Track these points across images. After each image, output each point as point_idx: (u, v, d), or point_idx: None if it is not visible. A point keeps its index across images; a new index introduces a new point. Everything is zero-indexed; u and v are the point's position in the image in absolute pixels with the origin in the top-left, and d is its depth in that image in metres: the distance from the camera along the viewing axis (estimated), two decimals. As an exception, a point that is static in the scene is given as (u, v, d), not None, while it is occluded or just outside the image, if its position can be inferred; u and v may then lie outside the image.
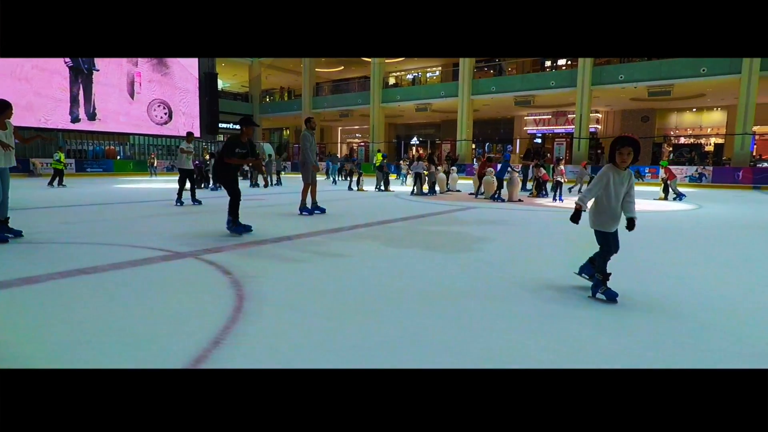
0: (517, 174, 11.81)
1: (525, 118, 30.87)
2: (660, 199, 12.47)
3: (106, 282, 3.53)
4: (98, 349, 2.29)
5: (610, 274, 3.20)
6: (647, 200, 12.32)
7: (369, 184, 16.55)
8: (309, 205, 8.17)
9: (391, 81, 33.01)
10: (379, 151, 19.17)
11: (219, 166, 5.99)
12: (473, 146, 29.74)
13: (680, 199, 12.14)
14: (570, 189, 14.75)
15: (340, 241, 5.51)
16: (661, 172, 12.85)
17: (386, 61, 30.92)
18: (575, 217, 3.23)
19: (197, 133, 31.38)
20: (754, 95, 19.43)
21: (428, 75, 33.61)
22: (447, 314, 2.90)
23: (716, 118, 26.77)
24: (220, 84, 36.94)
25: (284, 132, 44.90)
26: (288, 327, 2.64)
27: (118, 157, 28.18)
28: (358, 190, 15.04)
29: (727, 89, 21.13)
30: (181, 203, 9.53)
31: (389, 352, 2.32)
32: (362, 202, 11.16)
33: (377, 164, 16.47)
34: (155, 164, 24.34)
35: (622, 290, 3.26)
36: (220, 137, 36.61)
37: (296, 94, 36.62)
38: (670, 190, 12.40)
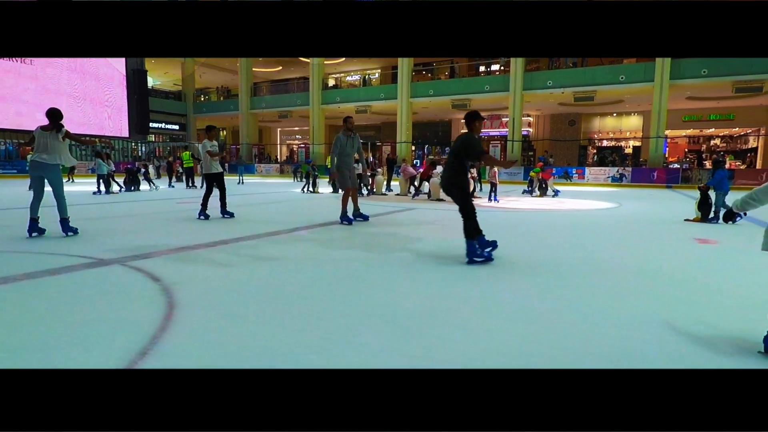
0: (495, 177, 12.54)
1: (462, 121, 31.85)
2: (537, 196, 13.92)
3: (19, 293, 3.25)
4: (7, 364, 2.11)
5: None
6: (529, 197, 13.14)
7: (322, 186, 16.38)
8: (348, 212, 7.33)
9: (331, 82, 32.87)
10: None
11: (454, 172, 4.56)
12: (413, 148, 30.27)
13: (556, 195, 13.77)
14: (524, 191, 15.41)
15: (278, 244, 5.41)
16: (538, 175, 14.52)
17: (325, 62, 30.74)
18: (728, 216, 2.81)
19: (124, 133, 29.63)
20: (666, 102, 21.29)
21: (368, 77, 33.77)
22: (385, 314, 2.93)
23: (634, 122, 29.04)
24: (150, 82, 35.05)
25: (221, 133, 43.38)
26: (221, 335, 2.56)
27: (35, 158, 25.94)
28: (313, 192, 14.86)
29: (642, 96, 22.99)
30: (206, 216, 7.52)
31: (326, 355, 2.32)
32: (305, 204, 11.04)
33: (329, 166, 16.44)
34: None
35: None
36: (151, 137, 34.76)
37: (233, 94, 35.48)
38: (549, 188, 14.03)
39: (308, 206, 10.61)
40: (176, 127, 35.37)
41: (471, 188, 12.26)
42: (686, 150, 28.73)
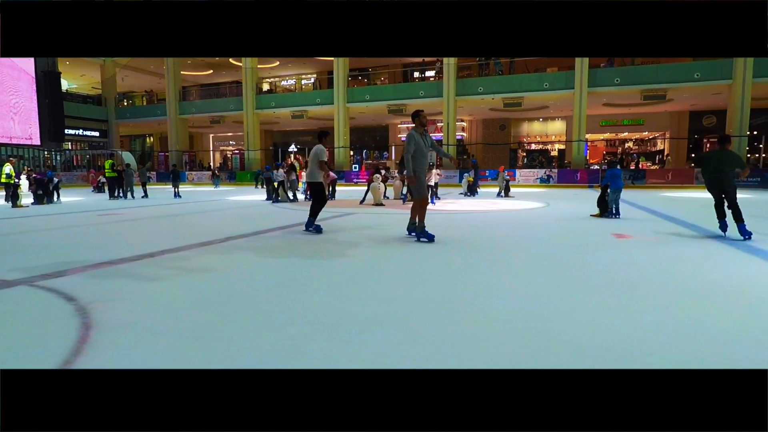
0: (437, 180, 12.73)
1: (399, 126, 32.30)
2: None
3: None
4: None
5: None
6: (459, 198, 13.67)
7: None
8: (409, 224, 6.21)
9: (265, 87, 32.12)
10: (297, 161, 18.40)
11: (731, 177, 5.84)
12: (351, 153, 30.25)
13: (473, 195, 14.98)
14: (460, 193, 15.68)
15: (211, 255, 5.14)
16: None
17: (259, 66, 30.01)
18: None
19: (35, 140, 27.20)
20: (585, 108, 22.88)
21: (303, 82, 33.38)
22: (329, 322, 2.85)
23: (558, 127, 30.90)
24: (65, 84, 32.42)
25: (147, 139, 41.01)
26: (147, 353, 2.36)
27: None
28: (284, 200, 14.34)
29: (565, 102, 24.54)
30: (317, 227, 6.75)
31: (267, 366, 2.20)
32: (236, 213, 10.63)
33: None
34: None
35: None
36: (67, 145, 32.16)
37: (160, 98, 33.62)
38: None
39: (234, 214, 10.23)
40: (96, 133, 32.93)
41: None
42: (604, 152, 30.94)
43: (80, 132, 31.85)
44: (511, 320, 2.87)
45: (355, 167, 28.74)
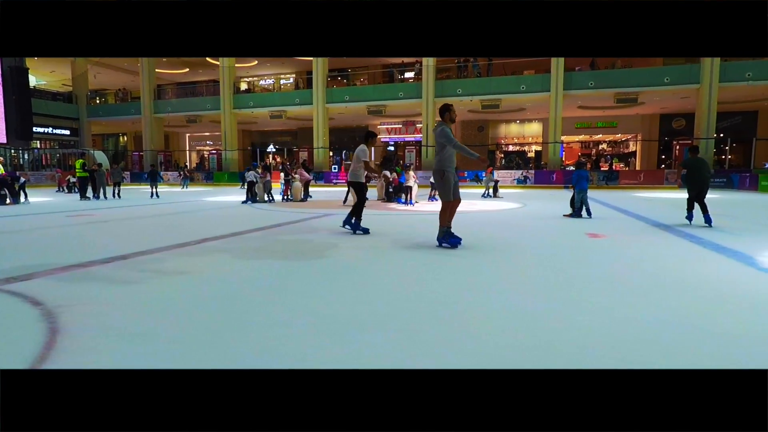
0: (415, 181, 12.82)
1: (378, 126, 32.31)
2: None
3: None
4: None
5: None
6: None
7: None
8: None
9: (243, 86, 31.72)
10: (283, 165, 18.16)
11: None
12: (330, 153, 30.12)
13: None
14: (483, 195, 15.42)
15: (186, 257, 5.04)
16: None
17: (236, 65, 29.61)
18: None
19: (1, 138, 26.25)
20: (560, 110, 23.31)
21: (282, 82, 33.08)
22: (308, 322, 2.82)
23: (535, 128, 31.38)
24: (33, 81, 31.37)
25: (121, 138, 40.01)
26: (118, 357, 2.29)
27: None
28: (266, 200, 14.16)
29: (541, 104, 24.94)
30: (364, 229, 6.69)
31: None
32: (214, 214, 10.47)
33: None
34: None
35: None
36: (36, 144, 31.14)
37: (134, 96, 32.82)
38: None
39: (212, 215, 10.08)
40: (67, 132, 31.95)
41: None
42: (579, 154, 31.57)
43: (50, 130, 30.87)
44: (511, 320, 2.89)
45: (335, 168, 28.64)
